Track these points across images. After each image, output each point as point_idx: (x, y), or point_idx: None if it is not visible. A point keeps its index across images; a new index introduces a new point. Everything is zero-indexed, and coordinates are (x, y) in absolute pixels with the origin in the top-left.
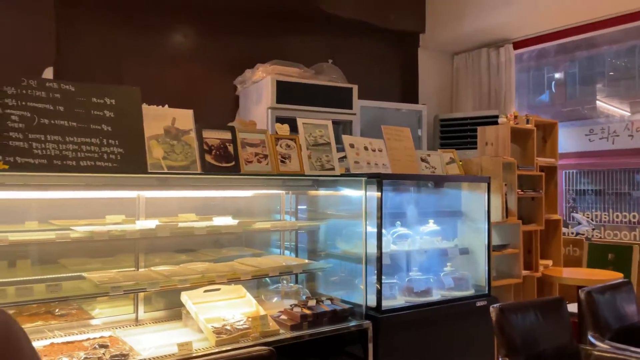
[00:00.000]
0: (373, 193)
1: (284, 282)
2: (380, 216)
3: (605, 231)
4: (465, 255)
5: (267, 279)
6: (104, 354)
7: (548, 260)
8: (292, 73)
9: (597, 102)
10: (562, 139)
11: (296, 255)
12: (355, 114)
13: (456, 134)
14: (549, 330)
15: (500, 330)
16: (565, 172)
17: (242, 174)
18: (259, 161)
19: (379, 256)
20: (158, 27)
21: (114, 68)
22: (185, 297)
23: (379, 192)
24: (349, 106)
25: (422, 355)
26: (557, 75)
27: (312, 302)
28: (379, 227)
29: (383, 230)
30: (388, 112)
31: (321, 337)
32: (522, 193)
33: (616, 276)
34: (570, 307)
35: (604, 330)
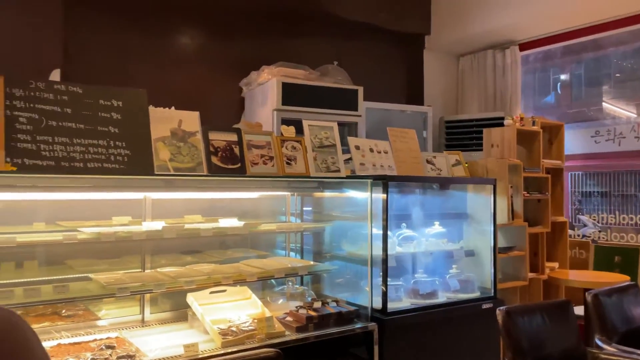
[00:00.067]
0: (378, 195)
1: (290, 283)
2: (385, 218)
3: (611, 233)
4: (471, 257)
5: (272, 280)
6: (110, 354)
7: (554, 263)
8: (298, 75)
9: (603, 103)
10: (568, 140)
11: (301, 257)
12: (360, 116)
13: (462, 135)
14: (555, 333)
15: (506, 333)
16: (571, 174)
17: (247, 175)
18: (264, 163)
19: (385, 258)
20: (164, 29)
21: (120, 70)
22: (191, 298)
23: (385, 194)
24: (355, 108)
25: (427, 358)
26: (563, 77)
27: (317, 304)
28: (385, 229)
29: (388, 232)
30: (393, 113)
31: (327, 339)
32: (528, 195)
33: (623, 279)
34: (576, 310)
35: (611, 333)
